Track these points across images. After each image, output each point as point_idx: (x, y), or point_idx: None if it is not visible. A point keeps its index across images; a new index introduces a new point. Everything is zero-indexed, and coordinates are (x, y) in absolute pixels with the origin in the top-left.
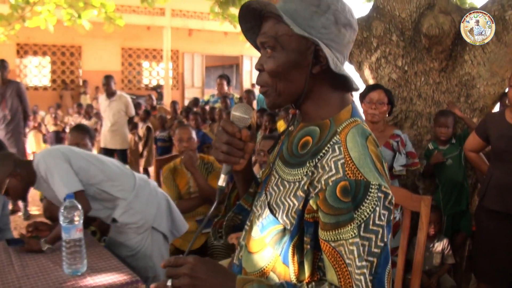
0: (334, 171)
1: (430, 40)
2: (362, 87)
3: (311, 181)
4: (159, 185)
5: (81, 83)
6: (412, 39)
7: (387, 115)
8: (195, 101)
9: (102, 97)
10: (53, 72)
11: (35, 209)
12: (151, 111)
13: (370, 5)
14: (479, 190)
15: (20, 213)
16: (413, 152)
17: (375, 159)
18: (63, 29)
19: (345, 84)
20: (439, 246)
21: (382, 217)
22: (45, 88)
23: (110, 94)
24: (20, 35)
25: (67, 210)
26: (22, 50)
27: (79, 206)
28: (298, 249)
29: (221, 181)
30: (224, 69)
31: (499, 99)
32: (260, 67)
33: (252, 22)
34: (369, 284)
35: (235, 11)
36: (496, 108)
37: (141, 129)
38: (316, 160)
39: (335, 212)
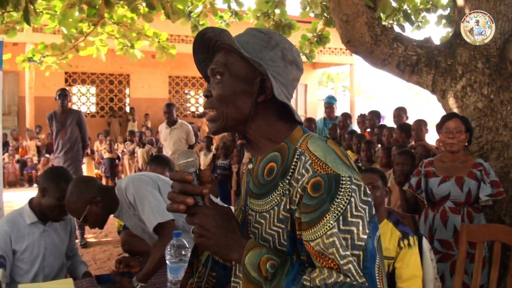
0: (305, 174)
1: None
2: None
3: (291, 199)
4: None
5: (128, 110)
6: (497, 67)
7: (466, 144)
8: None
9: (162, 125)
10: (101, 99)
11: (91, 237)
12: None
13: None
14: None
15: (77, 241)
16: (497, 181)
17: (340, 154)
18: (111, 58)
19: (290, 116)
20: None
21: (361, 209)
22: (92, 115)
23: (172, 122)
24: (69, 64)
25: (174, 249)
26: (71, 79)
27: (187, 244)
28: None
29: None
30: None
31: None
32: (207, 93)
33: (205, 54)
34: (360, 271)
35: None
36: None
37: (205, 158)
38: (289, 177)
39: (308, 209)
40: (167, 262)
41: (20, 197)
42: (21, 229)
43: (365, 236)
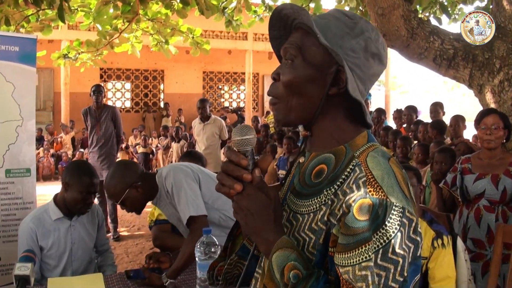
0: (355, 191)
1: None
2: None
3: (332, 211)
4: None
5: (162, 105)
6: None
7: (504, 141)
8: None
9: (196, 121)
10: (135, 95)
11: (124, 230)
12: None
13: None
14: None
15: (110, 234)
16: None
17: (400, 179)
18: (146, 54)
19: (359, 117)
20: None
21: (405, 247)
22: (127, 111)
23: (205, 117)
24: (104, 60)
25: (203, 246)
26: (106, 75)
27: (216, 241)
28: None
29: None
30: None
31: None
32: (275, 76)
33: (282, 31)
34: None
35: None
36: None
37: None
38: (336, 187)
39: (348, 231)
40: (197, 259)
41: (54, 191)
42: (47, 225)
43: (401, 279)
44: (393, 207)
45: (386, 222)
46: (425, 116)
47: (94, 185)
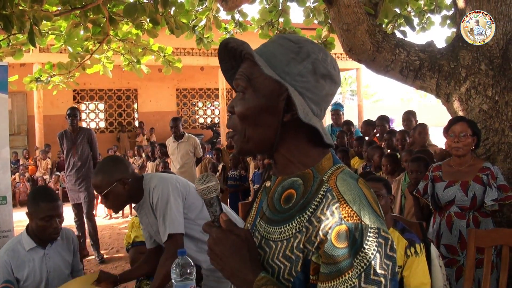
0: (330, 218)
1: None
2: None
3: (308, 238)
4: None
5: (137, 124)
6: (501, 68)
7: (473, 148)
8: None
9: (170, 139)
10: (109, 115)
11: (103, 253)
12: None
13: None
14: None
15: (90, 257)
16: (505, 185)
17: (370, 199)
18: (119, 74)
19: (321, 138)
20: None
21: (385, 266)
22: (102, 131)
23: (179, 136)
24: (76, 81)
25: (179, 268)
26: (79, 96)
27: (192, 262)
28: None
29: None
30: None
31: None
32: (231, 109)
33: (233, 62)
34: None
35: None
36: None
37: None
38: (309, 214)
39: (329, 260)
40: (173, 281)
41: None
42: (21, 256)
43: None
44: (369, 229)
45: (364, 245)
46: (398, 124)
47: (54, 208)
